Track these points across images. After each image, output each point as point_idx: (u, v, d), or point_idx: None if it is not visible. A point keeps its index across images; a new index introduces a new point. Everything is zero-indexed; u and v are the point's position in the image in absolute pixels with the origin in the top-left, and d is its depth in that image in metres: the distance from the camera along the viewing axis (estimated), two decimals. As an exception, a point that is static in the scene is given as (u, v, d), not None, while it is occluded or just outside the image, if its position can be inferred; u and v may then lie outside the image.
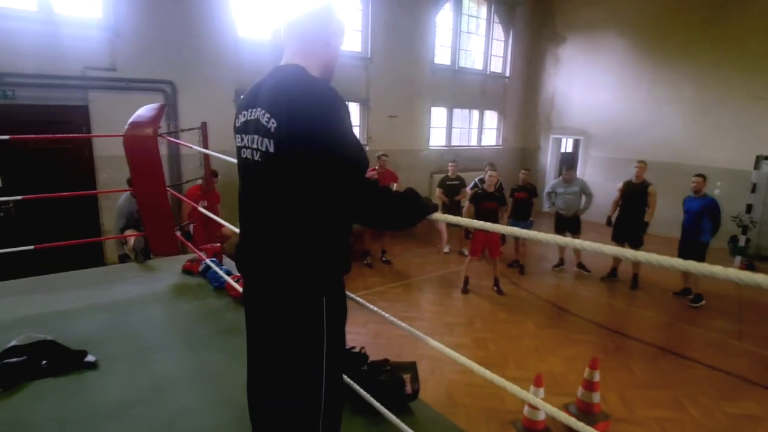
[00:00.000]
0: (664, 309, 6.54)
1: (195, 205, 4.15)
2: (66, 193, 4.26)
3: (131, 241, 4.79)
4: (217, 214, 4.56)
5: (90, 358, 2.64)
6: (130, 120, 3.76)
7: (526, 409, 3.83)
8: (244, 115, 1.50)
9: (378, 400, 2.24)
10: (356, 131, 9.77)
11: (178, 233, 4.30)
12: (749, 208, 8.51)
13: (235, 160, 1.67)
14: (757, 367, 4.98)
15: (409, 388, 2.46)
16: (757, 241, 8.80)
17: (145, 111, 3.88)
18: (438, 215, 1.57)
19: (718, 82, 9.39)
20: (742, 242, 8.61)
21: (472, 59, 11.64)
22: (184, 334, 3.19)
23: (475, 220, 1.57)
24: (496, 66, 12.20)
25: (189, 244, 4.50)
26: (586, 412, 3.83)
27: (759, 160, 8.38)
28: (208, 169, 4.99)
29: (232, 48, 7.50)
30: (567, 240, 1.29)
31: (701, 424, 3.96)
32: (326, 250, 1.46)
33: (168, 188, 4.00)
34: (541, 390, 3.79)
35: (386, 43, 9.56)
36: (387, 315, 2.12)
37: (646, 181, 7.13)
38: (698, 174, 6.59)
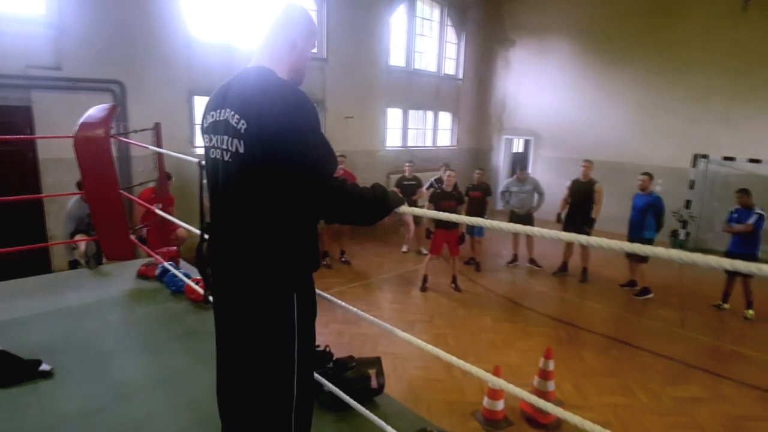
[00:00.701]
0: (613, 301, 6.89)
1: (151, 207, 4.04)
2: (8, 197, 4.04)
3: (82, 246, 4.60)
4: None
5: (45, 367, 2.54)
6: (80, 121, 3.63)
7: (485, 400, 3.96)
8: (212, 115, 1.52)
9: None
10: (313, 132, 9.81)
11: (133, 237, 4.17)
12: (688, 204, 9.12)
13: (193, 159, 1.67)
14: (698, 352, 5.35)
15: (374, 383, 2.51)
16: (696, 234, 9.40)
17: (96, 111, 3.75)
18: (405, 208, 1.63)
19: (657, 86, 9.99)
20: (682, 236, 9.18)
21: (427, 61, 11.84)
22: (144, 339, 3.11)
23: (463, 216, 1.63)
24: (449, 68, 12.46)
25: (145, 247, 4.37)
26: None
27: (696, 158, 8.99)
28: (163, 171, 4.86)
29: (184, 48, 7.32)
30: (570, 236, 1.29)
31: (649, 408, 4.22)
32: (295, 247, 1.50)
33: (121, 191, 3.88)
34: (501, 381, 3.91)
35: (342, 45, 9.59)
36: (356, 310, 2.17)
37: (592, 179, 7.49)
38: (644, 172, 6.97)
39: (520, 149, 14.18)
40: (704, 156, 9.01)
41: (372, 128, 10.63)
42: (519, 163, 13.70)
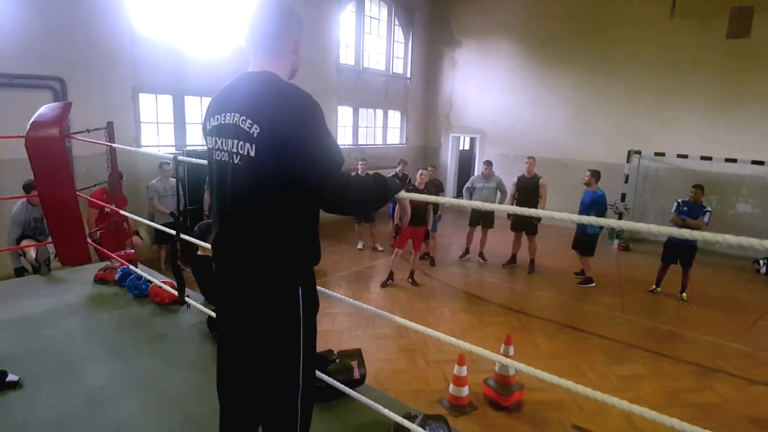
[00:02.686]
0: (559, 289, 7.31)
1: (113, 207, 3.91)
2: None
3: (32, 252, 4.37)
4: (125, 219, 4.33)
5: (12, 377, 2.44)
6: (32, 120, 3.46)
7: (451, 387, 4.15)
8: (217, 118, 1.56)
9: (328, 388, 2.36)
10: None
11: (89, 240, 4.02)
12: (623, 197, 9.78)
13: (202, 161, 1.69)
14: (638, 333, 5.80)
15: (357, 374, 2.60)
16: (630, 225, 10.09)
17: (47, 110, 3.59)
18: (403, 194, 1.73)
19: (593, 86, 10.63)
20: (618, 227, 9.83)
21: (376, 60, 11.97)
22: (111, 344, 3.03)
23: (477, 201, 1.73)
24: (397, 67, 12.66)
25: (104, 251, 4.22)
26: (503, 384, 4.22)
27: (630, 154, 9.66)
28: (116, 171, 4.69)
29: (128, 44, 7.05)
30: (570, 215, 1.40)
31: (599, 386, 4.54)
32: (301, 243, 1.58)
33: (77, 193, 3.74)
34: (464, 368, 4.12)
35: (292, 42, 9.51)
36: (352, 301, 2.24)
37: (536, 174, 7.88)
38: (590, 169, 7.38)
39: (467, 147, 14.63)
40: (637, 152, 9.70)
41: (323, 127, 10.60)
42: (466, 160, 14.20)
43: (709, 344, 5.60)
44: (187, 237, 2.96)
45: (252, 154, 1.44)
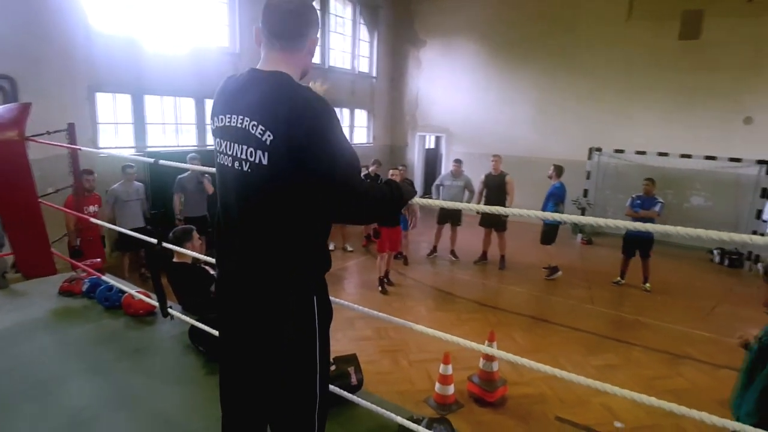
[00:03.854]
0: (530, 284, 7.46)
1: (80, 215, 3.68)
2: None
3: (-12, 263, 4.06)
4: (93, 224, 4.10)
5: (-19, 400, 2.25)
6: (-11, 121, 3.21)
7: (437, 386, 4.14)
8: (221, 119, 1.46)
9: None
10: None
11: (54, 250, 3.77)
12: (585, 193, 10.10)
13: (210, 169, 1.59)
14: (609, 324, 5.99)
15: (354, 380, 2.55)
16: (592, 219, 10.43)
17: (4, 111, 3.35)
18: (417, 199, 1.71)
19: (556, 86, 10.91)
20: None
21: (341, 59, 11.86)
22: (87, 360, 2.85)
23: (487, 206, 1.73)
24: (363, 66, 12.60)
25: (70, 260, 3.97)
26: (487, 380, 4.25)
27: (591, 151, 9.97)
28: (78, 173, 4.43)
29: (83, 40, 6.69)
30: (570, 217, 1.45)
31: (567, 380, 4.64)
32: (314, 251, 1.51)
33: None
34: (450, 366, 4.12)
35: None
36: (362, 308, 2.18)
37: (503, 172, 8.02)
38: (553, 164, 7.66)
39: (432, 146, 14.73)
40: (598, 149, 10.02)
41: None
42: (432, 159, 14.30)
43: (675, 332, 5.84)
44: (171, 246, 2.82)
45: (264, 162, 1.35)
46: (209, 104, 8.88)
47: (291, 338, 1.49)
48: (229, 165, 1.44)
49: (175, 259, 3.64)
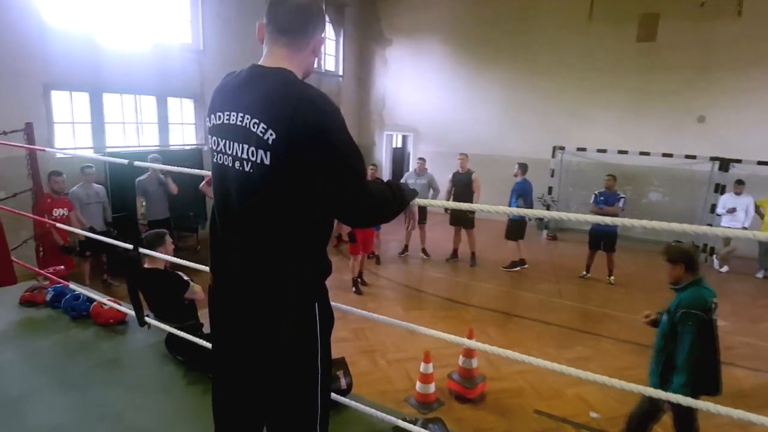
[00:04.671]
0: (501, 280, 7.59)
1: (46, 220, 3.47)
2: None
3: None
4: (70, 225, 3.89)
5: (-54, 422, 2.09)
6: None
7: (418, 385, 4.15)
8: (219, 117, 1.40)
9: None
10: (192, 130, 9.16)
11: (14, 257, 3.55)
12: (550, 190, 10.36)
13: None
14: (578, 317, 6.16)
15: (343, 383, 2.51)
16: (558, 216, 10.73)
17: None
18: (417, 200, 1.69)
19: (520, 85, 11.13)
20: (546, 218, 10.39)
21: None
22: (57, 374, 2.69)
23: (484, 206, 1.74)
24: (329, 65, 12.49)
25: (31, 267, 3.74)
26: (467, 377, 4.29)
27: (555, 150, 10.23)
28: (37, 176, 4.20)
29: (37, 37, 6.35)
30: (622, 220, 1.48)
31: (551, 370, 4.75)
32: (316, 256, 1.47)
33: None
34: (430, 365, 4.13)
35: (220, 36, 9.07)
36: (365, 313, 2.15)
37: (470, 169, 8.14)
38: (518, 162, 7.85)
39: (399, 145, 14.76)
40: (561, 147, 10.30)
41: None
42: (399, 158, 14.33)
43: (640, 323, 5.97)
44: (149, 251, 2.70)
45: (266, 162, 1.30)
46: (172, 102, 8.61)
47: (290, 349, 1.43)
48: (229, 165, 1.38)
49: (146, 265, 3.49)
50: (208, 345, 2.63)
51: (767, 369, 4.97)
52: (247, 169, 1.33)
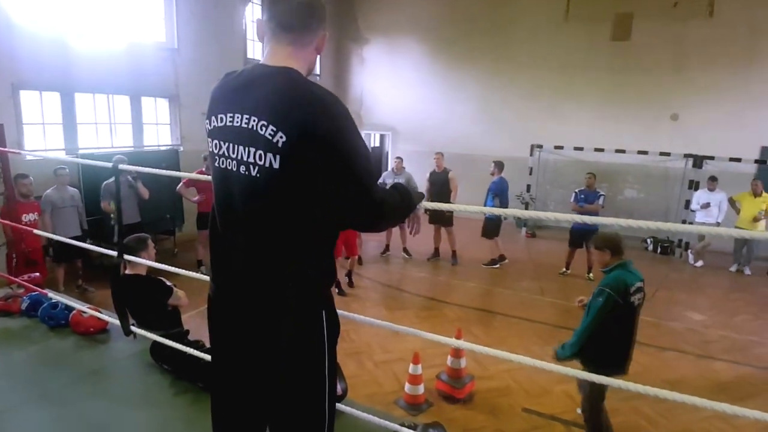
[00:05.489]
0: (482, 278, 7.64)
1: (16, 225, 3.32)
2: None
3: None
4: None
5: None
6: None
7: (407, 386, 4.13)
8: (221, 118, 1.34)
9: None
10: (167, 130, 8.94)
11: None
12: (528, 188, 10.47)
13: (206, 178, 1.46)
14: (560, 314, 6.22)
15: (339, 389, 2.45)
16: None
17: None
18: (424, 203, 1.68)
19: (497, 84, 11.21)
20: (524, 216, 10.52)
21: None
22: (37, 387, 2.57)
23: (484, 207, 1.72)
24: (308, 63, 12.36)
25: (9, 276, 3.58)
26: (455, 377, 4.29)
27: (533, 148, 10.35)
28: (9, 179, 4.02)
29: (5, 35, 6.10)
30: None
31: (536, 367, 4.79)
32: (321, 262, 1.42)
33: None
34: (419, 366, 4.12)
35: (195, 34, 8.87)
36: (370, 319, 2.11)
37: (446, 168, 8.17)
38: (494, 161, 7.93)
39: (377, 144, 14.72)
40: (539, 146, 10.42)
41: (234, 125, 10.05)
42: (376, 157, 14.27)
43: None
44: (132, 258, 2.60)
45: (275, 166, 1.24)
46: (146, 102, 8.39)
47: (296, 359, 1.39)
48: (233, 169, 1.31)
49: (128, 271, 3.37)
50: (196, 353, 2.56)
51: (745, 361, 5.11)
52: (253, 173, 1.27)
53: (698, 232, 1.38)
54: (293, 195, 1.28)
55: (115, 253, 2.48)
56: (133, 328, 2.73)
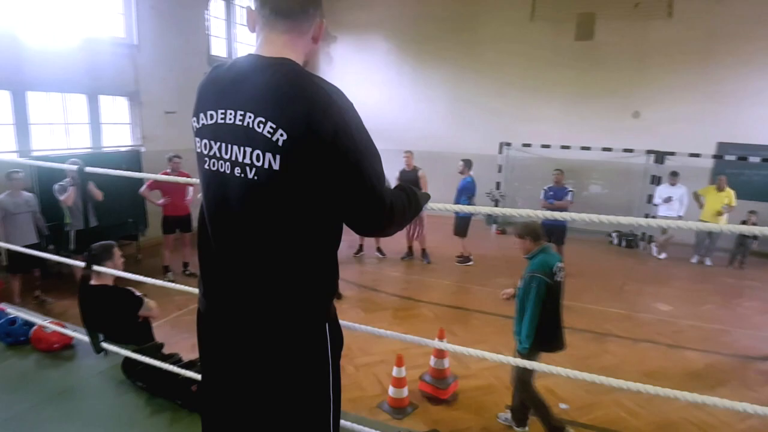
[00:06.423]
0: (457, 276, 7.64)
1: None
2: None
3: None
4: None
5: None
6: None
7: (391, 389, 4.04)
8: (211, 116, 1.21)
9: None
10: (127, 130, 8.55)
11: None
12: (498, 185, 10.56)
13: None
14: (536, 309, 6.27)
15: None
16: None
17: None
18: (430, 204, 1.62)
19: (465, 83, 11.27)
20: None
21: (250, 52, 11.27)
22: (-2, 411, 2.35)
23: (481, 207, 1.68)
24: (273, 61, 12.09)
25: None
26: (439, 378, 4.23)
27: (502, 146, 10.45)
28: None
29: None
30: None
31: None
32: (325, 272, 1.31)
33: None
34: (403, 369, 4.04)
35: (155, 30, 8.51)
36: (368, 328, 2.00)
37: (416, 167, 8.15)
38: (462, 159, 7.95)
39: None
40: (508, 144, 10.54)
41: (198, 125, 9.71)
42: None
43: (594, 312, 6.27)
44: (102, 268, 2.41)
45: (275, 167, 1.12)
46: (104, 101, 7.99)
47: (299, 376, 1.30)
48: (227, 171, 1.19)
49: (93, 282, 3.14)
50: (173, 368, 2.40)
51: (714, 349, 5.28)
52: (250, 175, 1.15)
53: (667, 226, 1.45)
54: (295, 199, 1.17)
55: (81, 264, 2.28)
56: (103, 344, 2.54)
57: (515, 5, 10.41)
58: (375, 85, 12.19)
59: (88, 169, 2.65)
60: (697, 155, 8.91)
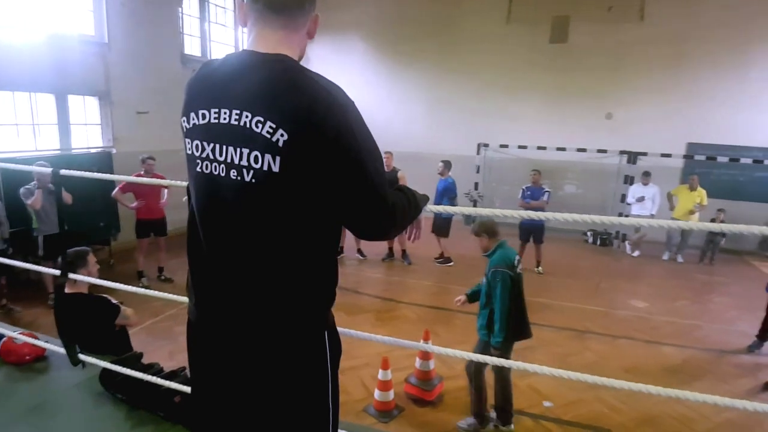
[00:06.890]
0: (438, 277, 7.66)
1: None
2: None
3: None
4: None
5: None
6: None
7: (377, 393, 4.00)
8: (204, 115, 1.14)
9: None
10: (98, 131, 8.28)
11: None
12: (476, 186, 10.63)
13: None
14: (518, 308, 6.32)
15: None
16: (482, 211, 11.09)
17: None
18: (429, 206, 1.58)
19: (444, 84, 11.32)
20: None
21: (224, 52, 11.07)
22: (-34, 430, 2.22)
23: (480, 209, 1.65)
24: (247, 61, 11.92)
25: None
26: (425, 379, 4.21)
27: (480, 147, 10.53)
28: None
29: None
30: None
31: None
32: (323, 278, 1.27)
33: None
34: (389, 372, 4.01)
35: (126, 28, 8.27)
36: (366, 334, 1.94)
37: (395, 167, 8.14)
38: (442, 160, 8.00)
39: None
40: (486, 145, 10.63)
41: (172, 124, 9.32)
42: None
43: (573, 309, 6.36)
44: (79, 276, 2.30)
45: (274, 168, 1.07)
46: (73, 100, 7.72)
47: (298, 386, 1.25)
48: (221, 174, 1.13)
49: (67, 290, 3.00)
50: (154, 379, 2.31)
51: (689, 344, 5.41)
52: (247, 178, 1.09)
53: (639, 225, 1.47)
54: (294, 202, 1.12)
55: (50, 271, 2.17)
56: (80, 355, 2.42)
57: (492, 7, 10.52)
58: (352, 85, 11.95)
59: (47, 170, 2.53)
60: (668, 155, 9.15)
